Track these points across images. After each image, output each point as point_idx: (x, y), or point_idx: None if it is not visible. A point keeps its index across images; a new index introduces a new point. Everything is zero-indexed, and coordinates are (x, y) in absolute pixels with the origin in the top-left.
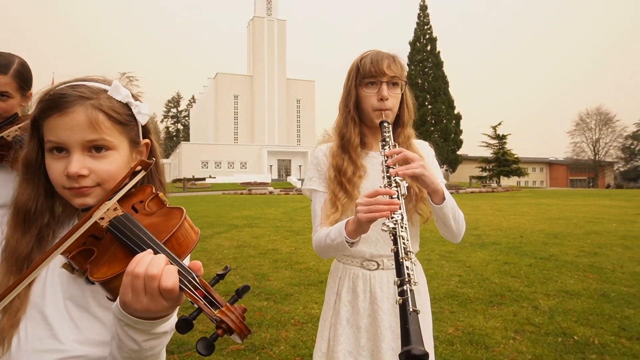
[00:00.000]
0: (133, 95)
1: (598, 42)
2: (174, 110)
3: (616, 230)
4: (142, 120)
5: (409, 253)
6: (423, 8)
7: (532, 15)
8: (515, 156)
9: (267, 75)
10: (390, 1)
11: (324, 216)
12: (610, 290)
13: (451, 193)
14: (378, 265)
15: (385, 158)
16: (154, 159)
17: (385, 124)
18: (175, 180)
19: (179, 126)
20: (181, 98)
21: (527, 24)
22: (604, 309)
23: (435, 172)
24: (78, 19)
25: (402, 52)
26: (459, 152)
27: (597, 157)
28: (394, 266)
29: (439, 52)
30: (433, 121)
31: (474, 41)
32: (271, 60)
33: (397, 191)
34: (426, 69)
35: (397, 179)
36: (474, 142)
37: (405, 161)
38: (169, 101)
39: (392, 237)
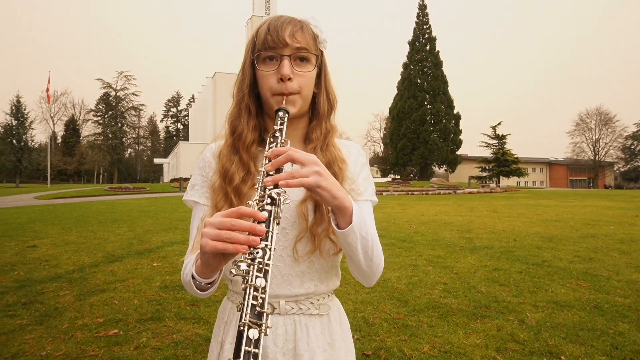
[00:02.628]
0: None
1: (598, 40)
2: (174, 109)
3: (614, 234)
4: None
5: (263, 315)
6: (422, 7)
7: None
8: (515, 156)
9: None
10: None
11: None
12: (604, 301)
13: (448, 194)
14: (274, 309)
15: (266, 161)
16: None
17: (281, 113)
18: (172, 180)
19: (179, 126)
20: (181, 97)
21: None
22: (596, 323)
23: (361, 184)
24: (77, 17)
25: (401, 52)
26: (458, 152)
27: (597, 157)
28: (294, 310)
29: (438, 51)
30: (432, 121)
31: (474, 40)
32: None
33: (271, 211)
34: (425, 69)
35: (274, 192)
36: (473, 142)
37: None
38: (168, 101)
39: (242, 286)
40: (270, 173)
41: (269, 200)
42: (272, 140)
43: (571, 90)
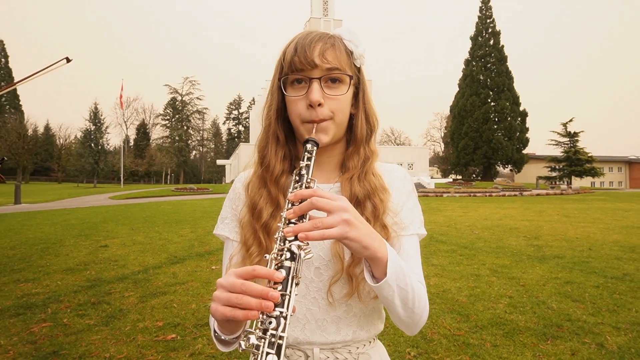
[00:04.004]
0: None
1: None
2: (235, 112)
3: None
4: None
5: None
6: (485, 1)
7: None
8: (589, 155)
9: None
10: None
11: None
12: None
13: (514, 195)
14: (307, 357)
15: (288, 205)
16: None
17: (308, 145)
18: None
19: (240, 127)
20: (242, 100)
21: (603, 6)
22: None
23: (406, 216)
24: (144, 21)
25: (463, 48)
26: (524, 151)
27: None
28: None
29: (502, 46)
30: (496, 119)
31: (541, 30)
32: None
33: (290, 269)
34: (489, 65)
35: (295, 245)
36: (542, 140)
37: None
38: (230, 103)
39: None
40: (293, 220)
41: (287, 255)
42: (296, 178)
43: None
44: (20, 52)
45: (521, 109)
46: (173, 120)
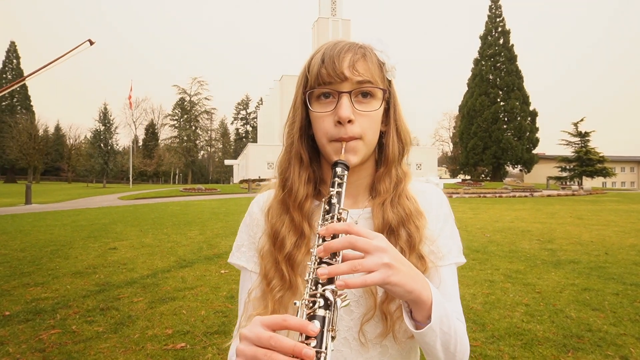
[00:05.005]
0: None
1: None
2: (243, 112)
3: None
4: None
5: None
6: (495, 0)
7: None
8: (601, 155)
9: None
10: None
11: (248, 315)
12: None
13: (524, 196)
14: None
15: (318, 241)
16: None
17: (339, 169)
18: (242, 181)
19: (248, 127)
20: (250, 100)
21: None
22: None
23: (444, 244)
24: (153, 21)
25: (472, 47)
26: (534, 151)
27: None
28: None
29: (512, 45)
30: (506, 119)
31: (552, 29)
32: None
33: (324, 319)
34: (498, 64)
35: (329, 290)
36: (552, 140)
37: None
38: (238, 104)
39: None
40: (324, 259)
41: (321, 302)
42: (326, 207)
43: None
44: (31, 53)
45: (531, 108)
46: (181, 120)
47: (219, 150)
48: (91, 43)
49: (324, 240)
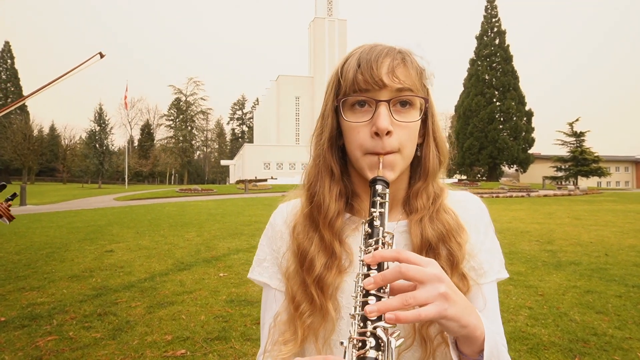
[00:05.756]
0: None
1: None
2: (239, 112)
3: None
4: None
5: None
6: (491, 0)
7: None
8: (595, 154)
9: (328, 76)
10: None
11: (274, 340)
12: None
13: (521, 196)
14: None
15: (362, 267)
16: None
17: (379, 187)
18: (238, 182)
19: (244, 128)
20: (246, 100)
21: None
22: None
23: (485, 259)
24: (151, 28)
25: (468, 47)
26: (530, 151)
27: None
28: None
29: (508, 45)
30: (502, 119)
31: (548, 29)
32: (332, 61)
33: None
34: (494, 64)
35: (381, 328)
36: (547, 140)
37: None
38: (234, 104)
39: None
40: (372, 291)
41: (372, 341)
42: (368, 231)
43: None
44: (26, 53)
45: (527, 108)
46: (177, 120)
47: (215, 151)
48: (102, 56)
49: (369, 268)
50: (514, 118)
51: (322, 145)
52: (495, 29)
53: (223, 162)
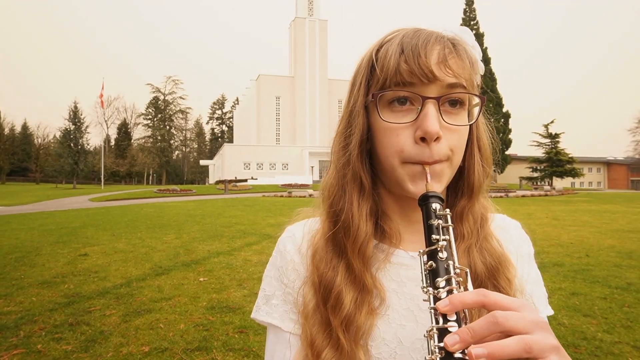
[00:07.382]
0: None
1: None
2: (219, 112)
3: None
4: None
5: None
6: (469, 3)
7: (591, 2)
8: (570, 156)
9: (309, 76)
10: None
11: None
12: None
13: (499, 197)
14: None
15: (434, 313)
16: None
17: (437, 205)
18: (217, 182)
19: (224, 127)
20: (226, 100)
21: (586, 12)
22: None
23: (532, 293)
24: (128, 25)
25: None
26: (507, 152)
27: None
28: None
29: (486, 48)
30: None
31: (525, 34)
32: (312, 61)
33: None
34: None
35: None
36: (523, 141)
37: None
38: (214, 103)
39: None
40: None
41: None
42: (431, 265)
43: (632, 85)
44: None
45: (504, 110)
46: (155, 119)
47: (194, 151)
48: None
49: (446, 320)
50: (492, 119)
51: (350, 150)
52: (474, 32)
53: (202, 162)
